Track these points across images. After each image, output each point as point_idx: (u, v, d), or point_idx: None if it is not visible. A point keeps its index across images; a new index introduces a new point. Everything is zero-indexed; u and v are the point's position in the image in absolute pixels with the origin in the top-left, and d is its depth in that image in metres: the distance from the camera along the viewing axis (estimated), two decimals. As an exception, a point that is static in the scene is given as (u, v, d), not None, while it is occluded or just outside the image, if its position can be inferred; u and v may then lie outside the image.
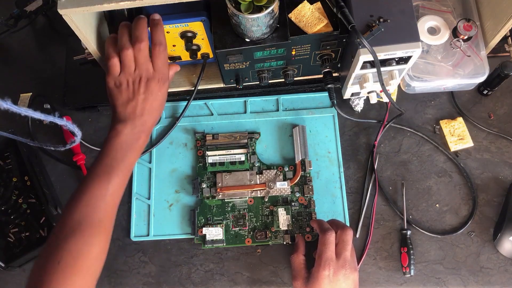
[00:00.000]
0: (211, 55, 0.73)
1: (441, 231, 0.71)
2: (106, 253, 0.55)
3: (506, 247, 0.68)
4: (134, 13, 0.64)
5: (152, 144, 0.76)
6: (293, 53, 0.66)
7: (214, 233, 0.70)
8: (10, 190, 0.71)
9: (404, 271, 0.67)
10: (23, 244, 0.70)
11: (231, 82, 0.74)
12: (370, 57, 0.58)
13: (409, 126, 0.76)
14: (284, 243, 0.69)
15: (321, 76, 0.73)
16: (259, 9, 0.55)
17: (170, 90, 0.77)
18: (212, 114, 0.78)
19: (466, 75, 0.71)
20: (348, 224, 0.71)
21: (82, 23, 0.57)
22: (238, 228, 0.70)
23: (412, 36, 0.58)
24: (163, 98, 0.61)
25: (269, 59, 0.67)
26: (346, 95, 0.73)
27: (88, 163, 0.76)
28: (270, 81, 0.74)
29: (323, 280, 0.58)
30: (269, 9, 0.55)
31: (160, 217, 0.73)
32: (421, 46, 0.58)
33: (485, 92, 0.76)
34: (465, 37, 0.70)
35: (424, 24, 0.71)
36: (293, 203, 0.71)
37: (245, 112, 0.78)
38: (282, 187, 0.71)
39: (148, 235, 0.72)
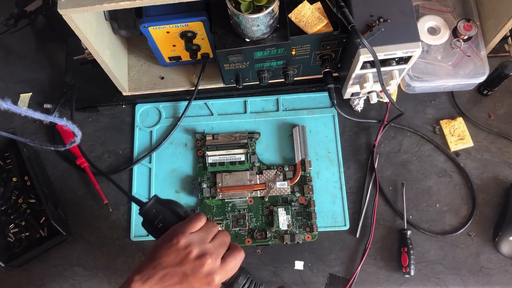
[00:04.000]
0: (211, 55, 0.73)
1: (441, 231, 0.71)
2: None
3: (506, 247, 0.68)
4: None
5: (152, 146, 0.76)
6: (293, 53, 0.66)
7: (214, 233, 0.70)
8: (10, 190, 0.71)
9: (404, 271, 0.67)
10: (23, 244, 0.70)
11: (231, 82, 0.74)
12: (370, 57, 0.58)
13: (409, 126, 0.76)
14: (284, 243, 0.69)
15: (321, 76, 0.73)
16: (259, 9, 0.55)
17: (170, 90, 0.77)
18: (212, 114, 0.78)
19: (466, 75, 0.71)
20: (348, 224, 0.71)
21: (82, 23, 0.57)
22: (238, 228, 0.70)
23: (412, 36, 0.58)
24: None
25: (269, 59, 0.67)
26: (346, 95, 0.73)
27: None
28: (270, 81, 0.74)
29: None
30: (269, 9, 0.55)
31: (160, 217, 0.72)
32: (421, 46, 0.58)
33: (485, 92, 0.76)
34: (465, 37, 0.70)
35: (424, 24, 0.71)
36: (293, 203, 0.71)
37: (245, 112, 0.78)
38: (282, 187, 0.71)
39: (148, 235, 0.72)
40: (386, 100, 0.72)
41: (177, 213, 0.56)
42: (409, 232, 0.69)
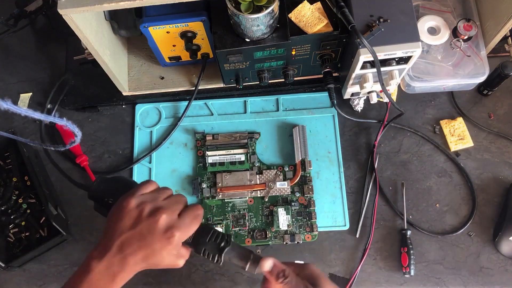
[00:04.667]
0: (211, 55, 0.73)
1: (441, 231, 0.71)
2: None
3: (506, 247, 0.68)
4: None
5: (152, 146, 0.76)
6: (293, 53, 0.66)
7: (214, 233, 0.70)
8: (10, 190, 0.71)
9: (404, 271, 0.67)
10: (23, 244, 0.70)
11: (231, 82, 0.74)
12: (370, 57, 0.58)
13: (409, 126, 0.76)
14: (284, 243, 0.69)
15: (321, 76, 0.73)
16: (259, 9, 0.55)
17: (170, 90, 0.77)
18: (212, 114, 0.78)
19: (466, 75, 0.71)
20: (348, 224, 0.71)
21: (82, 23, 0.57)
22: (238, 228, 0.70)
23: (412, 36, 0.58)
24: (163, 255, 0.48)
25: (269, 59, 0.67)
26: (346, 95, 0.73)
27: (89, 163, 0.76)
28: (270, 81, 0.74)
29: None
30: (269, 9, 0.55)
31: (160, 217, 0.72)
32: (421, 46, 0.58)
33: (485, 92, 0.76)
34: (465, 37, 0.70)
35: (424, 24, 0.71)
36: (293, 203, 0.71)
37: (245, 112, 0.78)
38: (282, 187, 0.71)
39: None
40: (386, 100, 0.72)
41: (126, 184, 0.53)
42: (409, 232, 0.69)
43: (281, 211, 0.70)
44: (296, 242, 0.69)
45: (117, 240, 0.47)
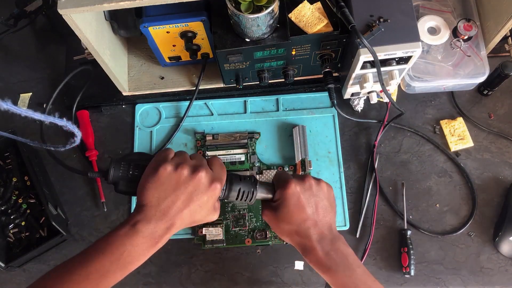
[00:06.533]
0: (211, 55, 0.73)
1: (441, 231, 0.70)
2: None
3: (506, 247, 0.68)
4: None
5: (152, 147, 0.76)
6: (293, 53, 0.66)
7: (214, 233, 0.70)
8: (10, 190, 0.71)
9: (404, 271, 0.67)
10: (23, 244, 0.70)
11: (231, 82, 0.74)
12: (370, 57, 0.58)
13: (409, 126, 0.76)
14: (284, 243, 0.69)
15: (321, 76, 0.73)
16: (259, 9, 0.55)
17: (170, 90, 0.77)
18: (212, 114, 0.78)
19: (466, 75, 0.71)
20: (348, 224, 0.71)
21: (82, 23, 0.57)
22: (238, 228, 0.70)
23: (412, 36, 0.58)
24: (208, 208, 0.51)
25: (269, 59, 0.67)
26: (346, 95, 0.73)
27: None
28: (270, 81, 0.74)
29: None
30: (269, 9, 0.55)
31: (160, 217, 0.72)
32: (421, 46, 0.58)
33: (485, 92, 0.76)
34: (465, 37, 0.70)
35: (424, 24, 0.71)
36: (293, 203, 0.71)
37: (245, 112, 0.78)
38: (282, 187, 0.71)
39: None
40: (386, 100, 0.72)
41: (145, 156, 0.53)
42: (409, 232, 0.69)
43: (281, 211, 0.70)
44: (296, 242, 0.69)
45: (162, 205, 0.48)
